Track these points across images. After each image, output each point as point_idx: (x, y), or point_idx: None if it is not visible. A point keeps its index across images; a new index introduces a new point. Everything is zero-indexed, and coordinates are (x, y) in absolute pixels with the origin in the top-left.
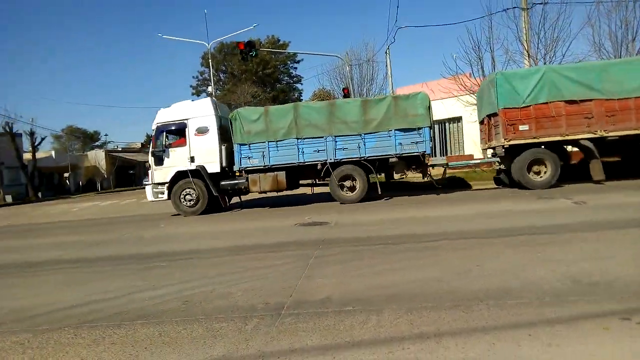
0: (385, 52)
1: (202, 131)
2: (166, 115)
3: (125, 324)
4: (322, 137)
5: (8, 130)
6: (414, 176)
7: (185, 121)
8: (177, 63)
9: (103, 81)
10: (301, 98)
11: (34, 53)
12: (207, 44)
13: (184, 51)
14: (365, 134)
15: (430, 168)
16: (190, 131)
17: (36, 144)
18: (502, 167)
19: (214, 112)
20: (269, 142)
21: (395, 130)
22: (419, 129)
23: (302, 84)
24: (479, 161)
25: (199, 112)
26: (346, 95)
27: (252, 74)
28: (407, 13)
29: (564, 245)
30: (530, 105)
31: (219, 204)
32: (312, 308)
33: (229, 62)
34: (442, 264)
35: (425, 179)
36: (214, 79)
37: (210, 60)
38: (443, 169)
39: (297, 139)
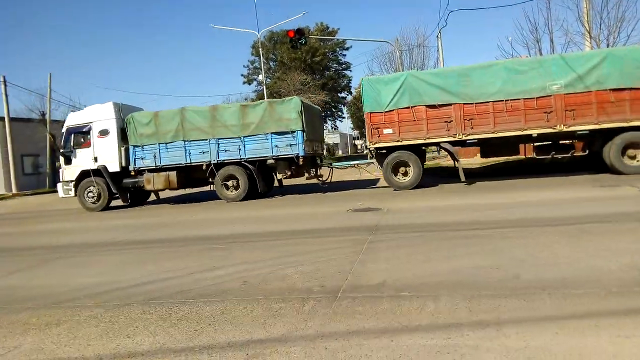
0: (437, 37)
1: (104, 133)
2: (75, 118)
3: (189, 301)
4: (206, 140)
5: None
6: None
7: (91, 124)
8: (229, 52)
9: (158, 71)
10: (350, 85)
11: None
12: (257, 33)
13: (236, 41)
14: (244, 136)
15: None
16: (94, 133)
17: None
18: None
19: (114, 116)
20: (159, 144)
21: (271, 133)
22: (293, 132)
23: (351, 70)
24: (358, 162)
25: (102, 116)
26: None
27: (301, 62)
28: None
29: (628, 234)
30: (393, 110)
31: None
32: (368, 292)
33: (279, 50)
34: (499, 252)
35: (321, 179)
36: (264, 68)
37: (260, 49)
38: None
39: (184, 141)
